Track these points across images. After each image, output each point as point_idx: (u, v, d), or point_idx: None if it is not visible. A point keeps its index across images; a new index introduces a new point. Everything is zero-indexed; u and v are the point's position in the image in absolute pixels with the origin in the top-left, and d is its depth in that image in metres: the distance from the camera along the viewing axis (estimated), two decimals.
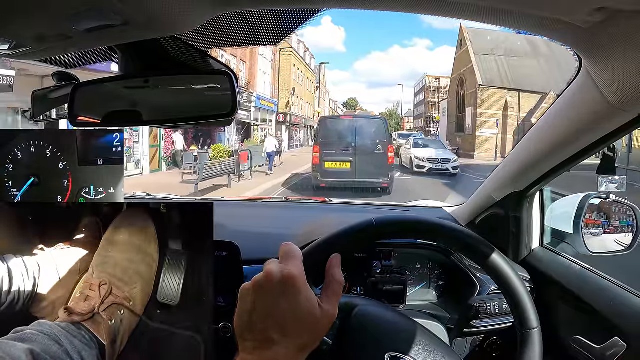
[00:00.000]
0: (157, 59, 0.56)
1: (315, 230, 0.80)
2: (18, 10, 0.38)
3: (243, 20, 0.54)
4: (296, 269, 0.41)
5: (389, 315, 0.64)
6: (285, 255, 0.43)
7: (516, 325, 0.59)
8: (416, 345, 0.56)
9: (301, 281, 0.40)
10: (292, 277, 0.40)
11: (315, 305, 0.41)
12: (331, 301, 0.43)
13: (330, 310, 0.42)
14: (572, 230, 0.88)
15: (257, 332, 0.39)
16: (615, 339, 0.68)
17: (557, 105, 0.69)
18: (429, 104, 42.49)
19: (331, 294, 0.43)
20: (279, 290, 0.39)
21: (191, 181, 8.07)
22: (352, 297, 0.64)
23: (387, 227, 0.62)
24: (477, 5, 0.40)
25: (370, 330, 0.58)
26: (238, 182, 9.15)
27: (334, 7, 0.44)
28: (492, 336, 0.90)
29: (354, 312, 0.59)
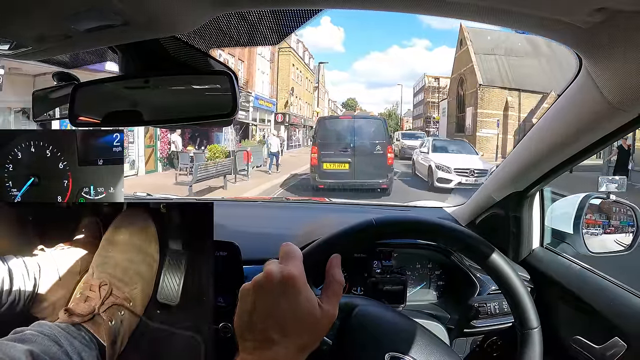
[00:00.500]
0: (158, 59, 0.56)
1: (315, 230, 0.80)
2: (18, 10, 0.38)
3: (243, 21, 0.54)
4: (296, 269, 0.41)
5: (389, 315, 0.64)
6: (285, 255, 0.43)
7: (516, 325, 0.59)
8: (416, 345, 0.56)
9: (301, 281, 0.40)
10: (292, 277, 0.40)
11: (315, 306, 0.41)
12: (331, 301, 0.43)
13: (330, 311, 0.42)
14: (572, 230, 0.88)
15: (257, 332, 0.39)
16: (615, 339, 0.68)
17: (557, 105, 0.69)
18: (429, 104, 42.21)
19: (331, 294, 0.43)
20: (279, 290, 0.39)
21: (185, 182, 7.89)
22: (352, 297, 0.64)
23: (388, 227, 0.62)
24: (477, 5, 0.40)
25: (370, 331, 0.58)
26: (234, 184, 9.03)
27: (334, 7, 0.44)
28: (492, 336, 0.90)
29: (354, 312, 0.59)
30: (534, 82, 21.23)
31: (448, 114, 29.43)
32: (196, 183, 7.47)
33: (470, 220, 1.09)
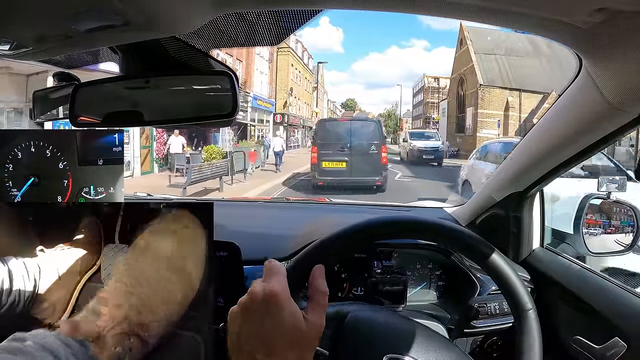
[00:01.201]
0: (158, 59, 0.56)
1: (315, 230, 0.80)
2: (18, 10, 0.38)
3: (243, 21, 0.54)
4: (279, 285, 0.41)
5: (382, 317, 0.63)
6: (268, 272, 0.43)
7: (512, 311, 0.58)
8: (413, 343, 0.56)
9: (284, 297, 0.41)
10: (274, 294, 0.40)
11: (299, 319, 0.41)
12: (316, 312, 0.43)
13: (316, 322, 0.42)
14: (572, 230, 0.88)
15: (245, 355, 0.39)
16: (615, 339, 0.68)
17: (557, 105, 0.69)
18: (428, 104, 41.94)
19: (316, 305, 0.44)
20: (262, 309, 0.40)
21: (179, 185, 7.77)
22: (343, 305, 0.63)
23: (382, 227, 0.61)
24: (477, 6, 0.40)
25: (364, 335, 0.57)
26: (231, 185, 8.84)
27: (334, 7, 0.44)
28: (492, 336, 0.90)
29: (347, 319, 0.59)
30: (535, 82, 21.13)
31: (448, 114, 28.98)
32: (190, 185, 7.29)
33: (470, 220, 1.09)
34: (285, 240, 0.94)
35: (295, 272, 0.47)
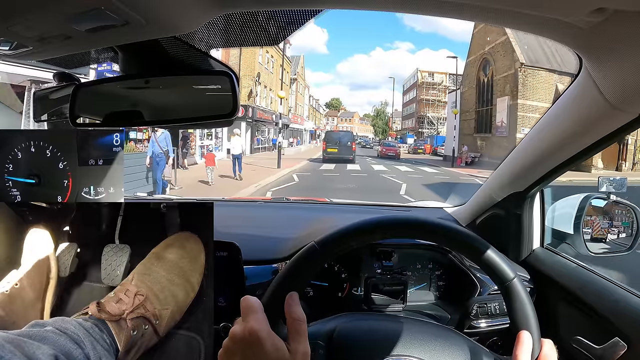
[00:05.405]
0: (158, 59, 0.56)
1: (315, 231, 0.80)
2: (18, 10, 0.38)
3: (243, 21, 0.54)
4: (256, 322, 0.42)
5: (371, 323, 0.61)
6: (245, 311, 0.44)
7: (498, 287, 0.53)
8: (411, 341, 0.55)
9: (264, 333, 0.41)
10: (253, 331, 0.41)
11: (282, 350, 0.42)
12: (297, 340, 0.43)
13: (299, 349, 0.43)
14: (572, 230, 0.88)
15: None
16: (615, 340, 0.68)
17: (557, 105, 0.69)
18: (422, 102, 39.10)
19: (295, 333, 0.44)
20: (245, 348, 0.41)
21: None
22: (328, 321, 0.59)
23: (330, 243, 0.55)
24: (477, 6, 0.40)
25: (356, 347, 0.56)
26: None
27: (334, 7, 0.44)
28: (492, 336, 0.90)
29: (334, 334, 0.57)
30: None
31: (462, 109, 21.63)
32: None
33: (470, 220, 1.09)
34: (285, 241, 0.94)
35: (270, 303, 0.47)
